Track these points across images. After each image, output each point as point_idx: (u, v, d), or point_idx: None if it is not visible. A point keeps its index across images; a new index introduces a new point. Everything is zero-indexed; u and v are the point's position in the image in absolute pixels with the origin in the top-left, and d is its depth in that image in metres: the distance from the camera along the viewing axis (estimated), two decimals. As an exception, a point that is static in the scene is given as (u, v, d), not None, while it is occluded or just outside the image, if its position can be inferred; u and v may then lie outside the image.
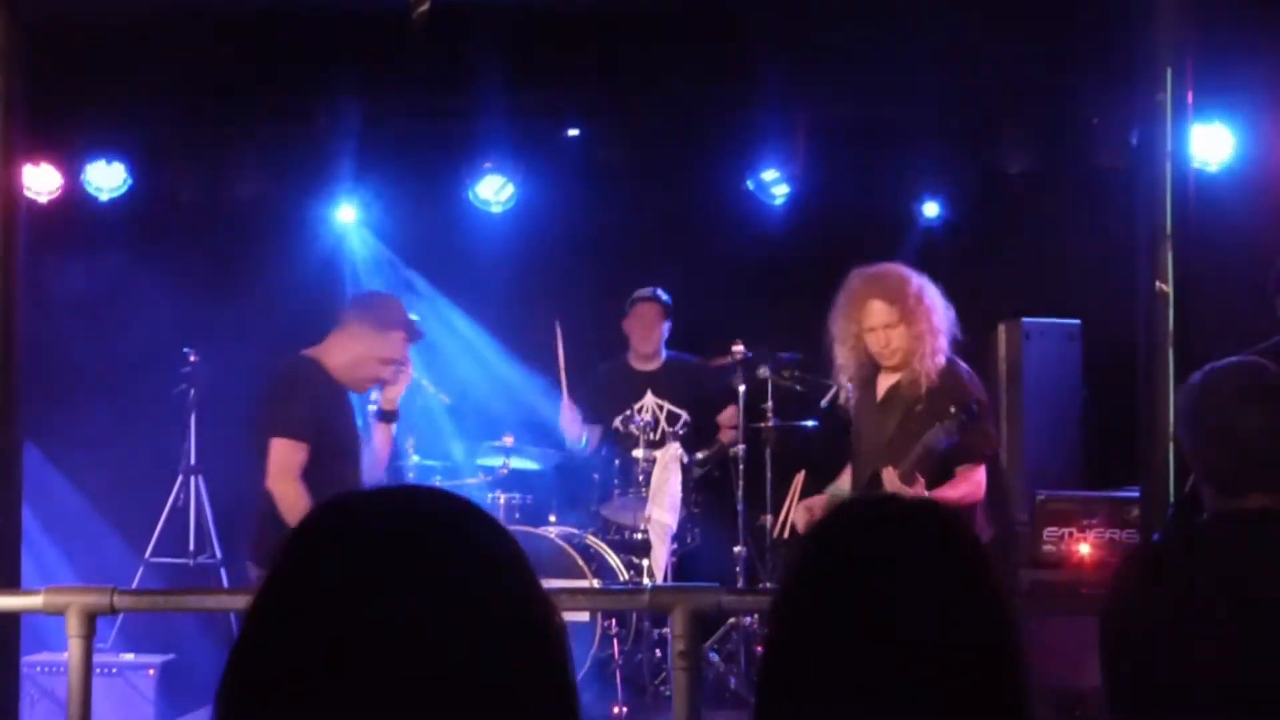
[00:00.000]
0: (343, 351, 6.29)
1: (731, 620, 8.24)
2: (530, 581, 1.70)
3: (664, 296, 8.95)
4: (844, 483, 6.44)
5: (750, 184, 9.55)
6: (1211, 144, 8.75)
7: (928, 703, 1.87)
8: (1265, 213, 8.65)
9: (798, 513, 6.40)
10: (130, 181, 9.68)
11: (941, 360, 6.15)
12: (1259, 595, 3.21)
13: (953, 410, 5.92)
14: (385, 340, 6.36)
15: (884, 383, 6.28)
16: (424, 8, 6.64)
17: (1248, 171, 8.81)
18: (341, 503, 1.68)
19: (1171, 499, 5.46)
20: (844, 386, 6.37)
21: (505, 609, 1.63)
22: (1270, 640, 3.17)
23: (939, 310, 6.19)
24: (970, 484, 6.07)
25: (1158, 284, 5.50)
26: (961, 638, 1.90)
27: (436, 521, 1.65)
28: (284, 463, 6.01)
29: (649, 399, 8.77)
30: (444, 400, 8.65)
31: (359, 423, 6.45)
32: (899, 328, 6.13)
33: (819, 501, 6.34)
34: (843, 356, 6.28)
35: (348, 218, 9.95)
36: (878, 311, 6.16)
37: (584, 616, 7.81)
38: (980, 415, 6.00)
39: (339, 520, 1.65)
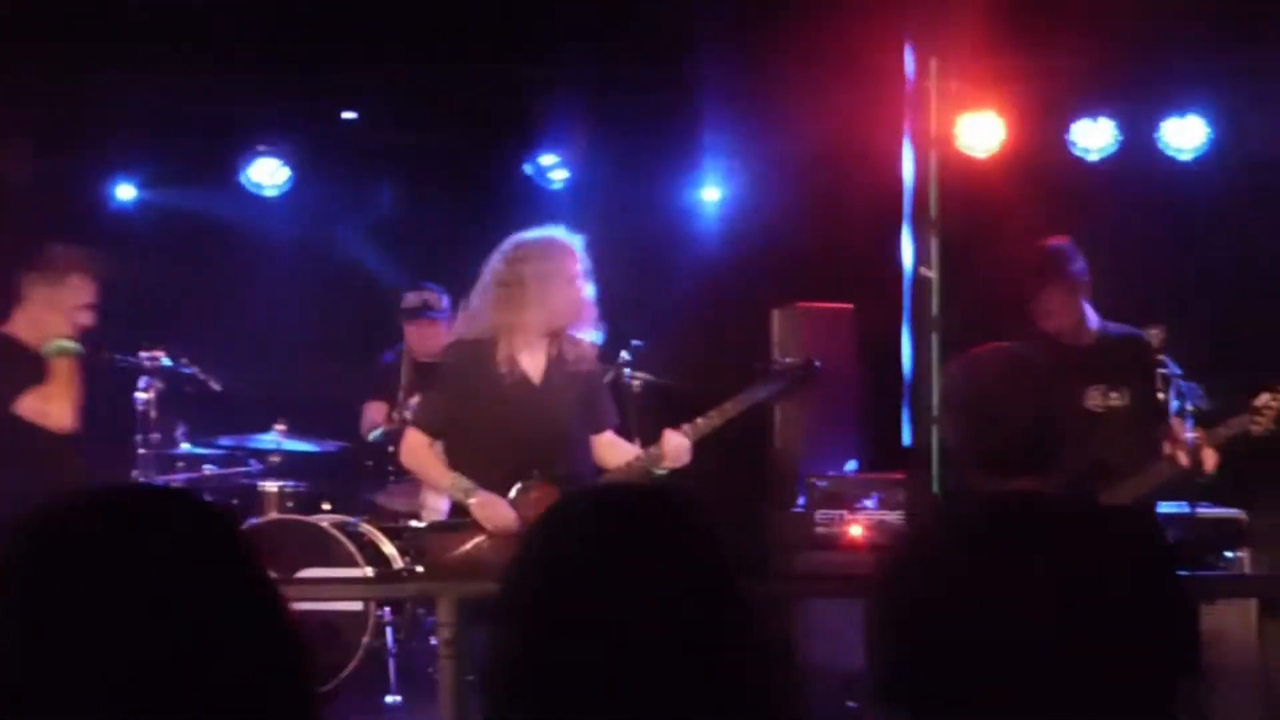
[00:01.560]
0: (28, 319, 6.14)
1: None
2: (252, 581, 1.65)
3: (434, 310, 8.62)
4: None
5: (529, 169, 9.50)
6: (981, 133, 8.91)
7: (662, 703, 1.81)
8: (1031, 198, 8.84)
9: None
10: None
11: None
12: (1028, 576, 3.30)
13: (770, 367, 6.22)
14: (64, 289, 6.22)
15: (532, 357, 6.08)
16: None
17: (1017, 159, 9.00)
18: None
19: (936, 481, 5.57)
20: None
21: (225, 611, 1.58)
22: (1038, 619, 3.27)
23: None
24: None
25: (922, 269, 5.60)
26: (699, 629, 1.85)
27: (134, 524, 1.59)
28: None
29: None
30: (215, 387, 8.46)
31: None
32: (588, 284, 6.06)
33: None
34: (536, 309, 6.00)
35: (126, 195, 9.71)
36: (579, 263, 6.03)
37: (357, 605, 7.72)
38: None
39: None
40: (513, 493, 6.02)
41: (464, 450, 6.10)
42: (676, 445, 6.05)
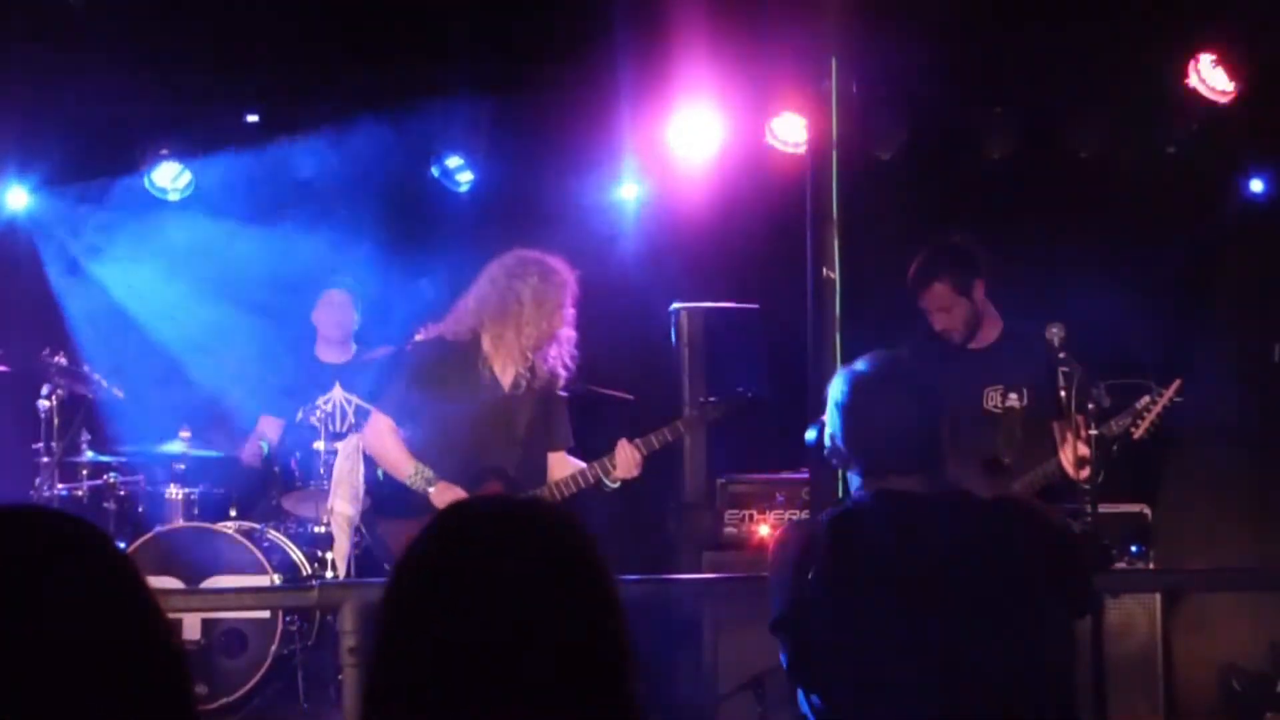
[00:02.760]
0: None
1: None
2: (122, 600, 1.63)
3: (352, 284, 8.82)
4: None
5: (435, 171, 9.46)
6: (883, 132, 8.95)
7: (532, 707, 1.86)
8: (935, 196, 8.90)
9: None
10: None
11: None
12: (901, 567, 3.41)
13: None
14: None
15: (506, 366, 6.43)
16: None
17: (920, 158, 9.05)
18: None
19: (841, 481, 5.58)
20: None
21: (86, 634, 1.57)
22: (910, 607, 3.37)
23: None
24: None
25: (824, 270, 5.60)
26: (569, 640, 1.90)
27: None
28: None
29: (337, 392, 8.62)
30: (118, 394, 8.38)
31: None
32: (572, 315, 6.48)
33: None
34: (529, 329, 6.37)
35: (19, 202, 9.56)
36: (570, 296, 6.45)
37: (265, 613, 7.68)
38: None
39: None
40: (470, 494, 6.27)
41: (428, 441, 6.42)
42: (628, 458, 6.40)
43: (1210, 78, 8.31)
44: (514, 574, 1.92)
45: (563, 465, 6.59)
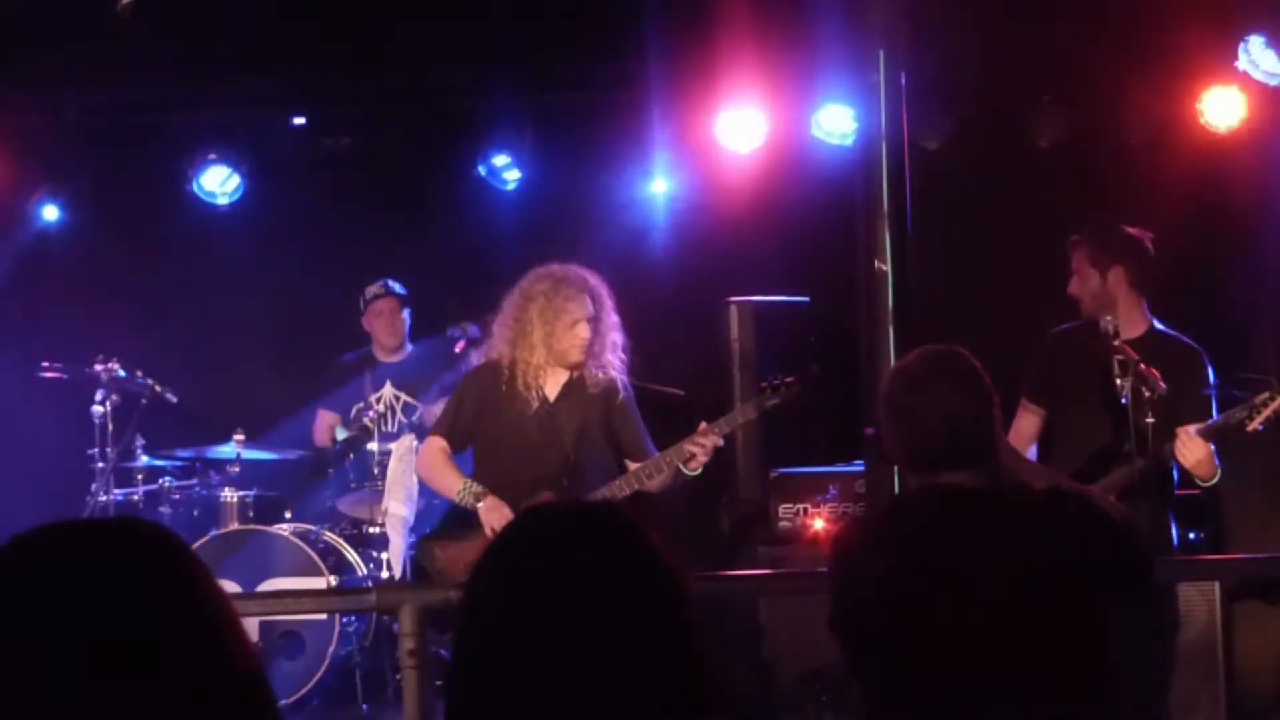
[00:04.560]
0: None
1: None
2: (193, 606, 1.64)
3: (398, 288, 8.83)
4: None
5: (482, 170, 9.46)
6: (932, 124, 8.90)
7: (606, 709, 1.88)
8: (984, 187, 8.85)
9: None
10: None
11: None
12: (951, 563, 3.41)
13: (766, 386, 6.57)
14: None
15: (551, 379, 6.54)
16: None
17: (967, 149, 9.00)
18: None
19: (896, 474, 5.57)
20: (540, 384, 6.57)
21: (164, 644, 1.57)
22: (960, 603, 3.37)
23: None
24: None
25: (876, 263, 5.59)
26: (640, 642, 1.91)
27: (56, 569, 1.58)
28: None
29: (387, 390, 8.66)
30: (171, 399, 8.42)
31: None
32: (594, 323, 6.48)
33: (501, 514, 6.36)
34: (542, 349, 6.46)
35: (61, 211, 9.60)
36: (587, 304, 6.46)
37: (321, 615, 7.71)
38: None
39: None
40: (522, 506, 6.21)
41: (481, 459, 6.63)
42: (713, 445, 6.40)
43: (1261, 60, 8.23)
44: (585, 578, 1.94)
45: None
